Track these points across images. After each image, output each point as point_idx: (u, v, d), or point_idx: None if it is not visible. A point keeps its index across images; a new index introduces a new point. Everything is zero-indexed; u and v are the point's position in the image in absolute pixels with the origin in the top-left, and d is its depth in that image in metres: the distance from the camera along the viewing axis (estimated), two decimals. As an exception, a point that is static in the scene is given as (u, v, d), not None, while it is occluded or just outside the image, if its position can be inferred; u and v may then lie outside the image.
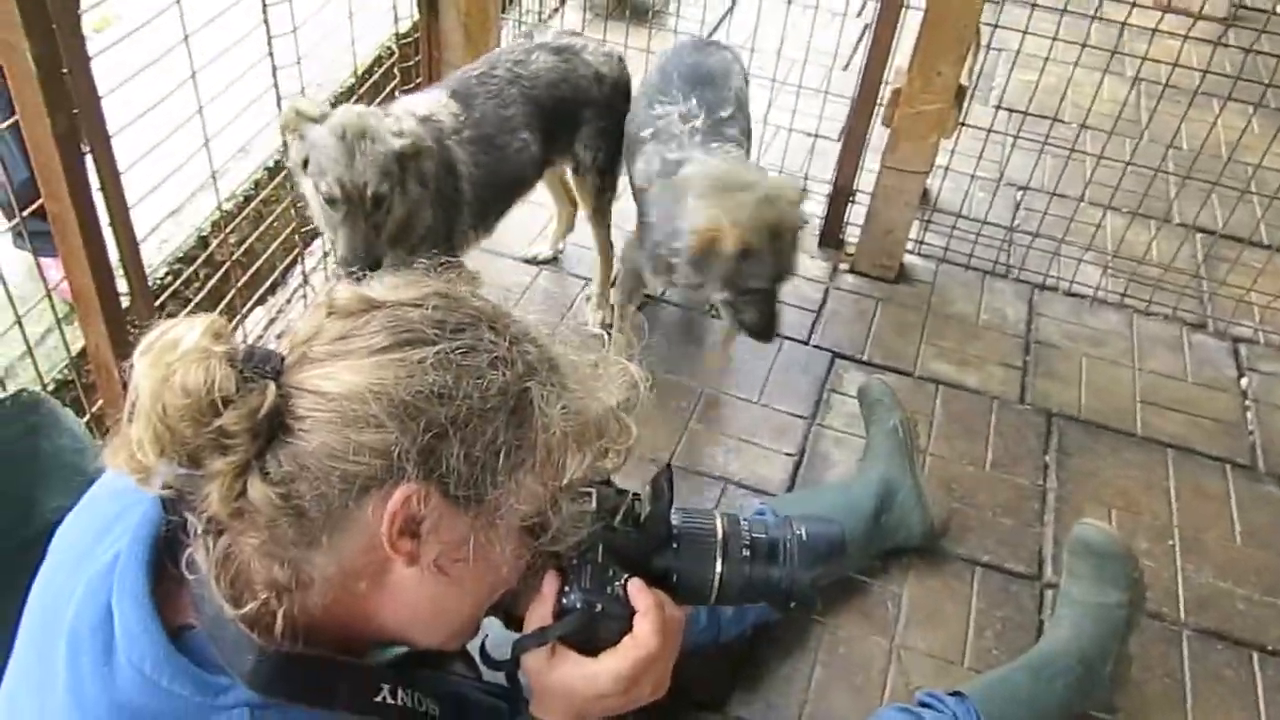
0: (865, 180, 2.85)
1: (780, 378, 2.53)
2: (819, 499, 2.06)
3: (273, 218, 2.49)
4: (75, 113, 1.64)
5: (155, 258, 2.45)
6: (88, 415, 1.93)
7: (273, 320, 2.56)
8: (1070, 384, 2.60)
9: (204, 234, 2.58)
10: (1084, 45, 2.65)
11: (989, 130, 2.82)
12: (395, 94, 2.72)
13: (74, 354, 2.03)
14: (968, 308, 2.82)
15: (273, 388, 0.82)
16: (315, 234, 2.57)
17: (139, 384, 0.81)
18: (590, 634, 0.97)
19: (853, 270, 2.89)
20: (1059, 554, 2.01)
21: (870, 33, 2.69)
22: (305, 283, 2.58)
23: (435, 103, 2.17)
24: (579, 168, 2.48)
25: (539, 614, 0.98)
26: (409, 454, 0.82)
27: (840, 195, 2.90)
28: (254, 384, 0.81)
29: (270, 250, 2.46)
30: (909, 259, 2.94)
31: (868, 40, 2.69)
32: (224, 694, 0.82)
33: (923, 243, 2.97)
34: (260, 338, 2.48)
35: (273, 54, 2.19)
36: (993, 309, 2.83)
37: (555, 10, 3.89)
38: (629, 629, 0.97)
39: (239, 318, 2.35)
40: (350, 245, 1.91)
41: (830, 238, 2.97)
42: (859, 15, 3.90)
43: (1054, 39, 2.59)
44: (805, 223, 2.11)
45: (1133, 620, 1.81)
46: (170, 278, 2.35)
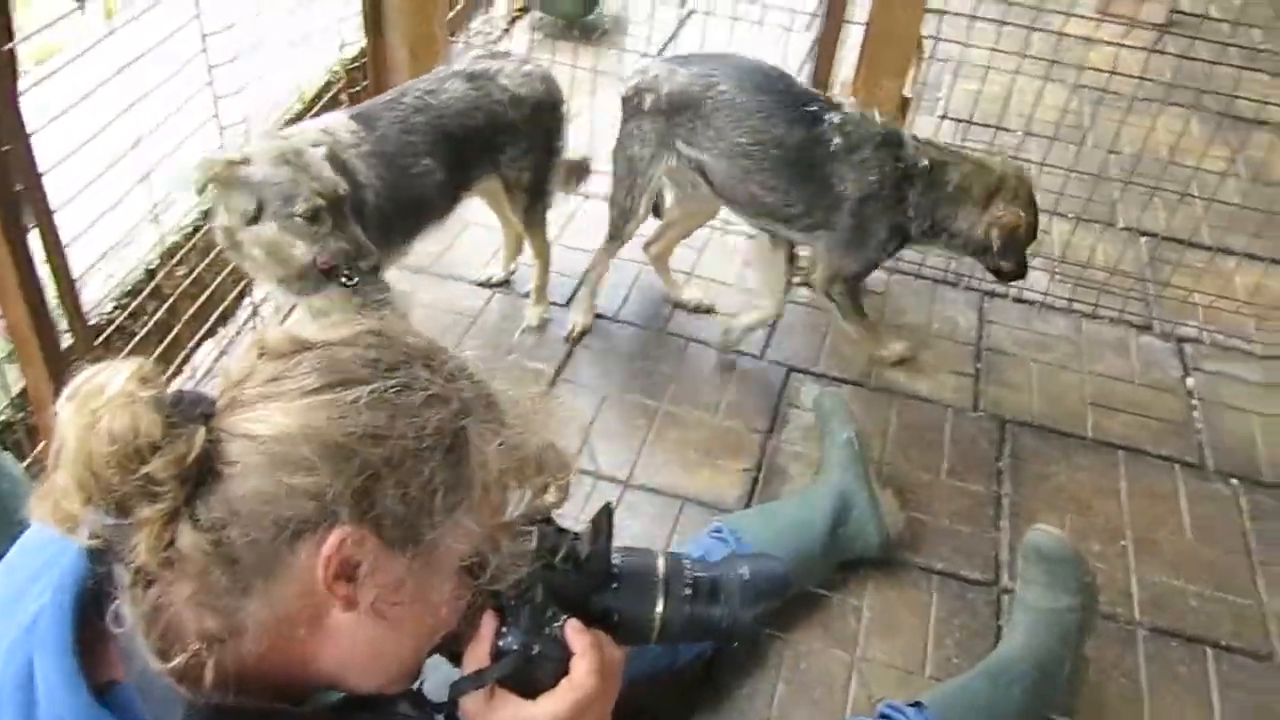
0: (815, 193, 2.86)
1: (736, 393, 2.53)
2: (775, 514, 2.06)
3: (219, 248, 2.46)
4: (6, 149, 1.61)
5: (101, 293, 2.41)
6: (29, 458, 1.89)
7: (223, 353, 2.52)
8: (1022, 390, 2.63)
9: (151, 267, 2.54)
10: (1024, 55, 2.70)
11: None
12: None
13: (14, 394, 1.99)
14: (919, 317, 2.85)
15: (202, 432, 0.80)
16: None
17: (64, 430, 0.80)
18: (527, 676, 0.95)
19: (806, 283, 2.91)
20: (1015, 560, 2.02)
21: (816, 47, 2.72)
22: (255, 314, 2.55)
23: (334, 121, 2.17)
24: (508, 186, 2.48)
25: (476, 655, 0.97)
26: (343, 496, 0.81)
27: (791, 209, 2.92)
28: (182, 429, 0.80)
29: (218, 281, 2.42)
30: (861, 270, 2.96)
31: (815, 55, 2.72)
32: None
33: (874, 253, 2.99)
34: (209, 371, 2.44)
35: (213, 83, 2.17)
36: (944, 317, 2.86)
37: (505, 32, 3.89)
38: (565, 671, 0.96)
39: (186, 351, 2.31)
40: (355, 241, 1.92)
41: (783, 250, 2.98)
42: (807, 29, 3.93)
43: (993, 49, 2.64)
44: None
45: (1086, 623, 1.84)
46: (118, 312, 2.31)
